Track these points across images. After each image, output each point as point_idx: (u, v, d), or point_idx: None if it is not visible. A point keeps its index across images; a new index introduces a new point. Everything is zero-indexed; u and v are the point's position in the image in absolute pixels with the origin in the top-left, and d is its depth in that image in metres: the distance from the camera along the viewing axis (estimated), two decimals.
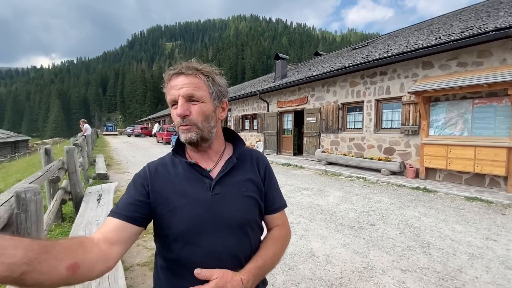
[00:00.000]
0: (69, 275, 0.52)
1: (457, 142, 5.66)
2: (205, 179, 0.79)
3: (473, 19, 7.13)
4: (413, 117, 6.63)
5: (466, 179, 5.77)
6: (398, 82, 7.12)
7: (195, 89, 0.74)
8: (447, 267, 2.55)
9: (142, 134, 33.07)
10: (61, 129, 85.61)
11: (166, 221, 0.74)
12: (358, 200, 4.90)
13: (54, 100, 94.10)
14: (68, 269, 0.52)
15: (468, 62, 5.75)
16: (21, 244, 0.45)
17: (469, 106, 5.64)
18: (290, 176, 7.35)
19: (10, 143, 34.79)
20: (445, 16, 10.62)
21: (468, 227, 3.53)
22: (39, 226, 1.46)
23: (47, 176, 2.90)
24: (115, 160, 10.86)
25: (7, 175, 13.93)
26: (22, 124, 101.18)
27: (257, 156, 0.91)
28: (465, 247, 2.97)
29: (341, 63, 9.35)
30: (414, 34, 8.97)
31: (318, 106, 9.79)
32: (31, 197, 1.40)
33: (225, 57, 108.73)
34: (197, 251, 0.73)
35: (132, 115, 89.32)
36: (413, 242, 3.10)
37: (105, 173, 6.60)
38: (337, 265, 2.62)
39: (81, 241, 0.60)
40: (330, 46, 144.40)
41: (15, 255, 0.43)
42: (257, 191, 0.84)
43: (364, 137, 8.07)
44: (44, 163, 3.61)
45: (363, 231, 3.44)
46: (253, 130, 14.40)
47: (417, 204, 4.59)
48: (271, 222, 0.89)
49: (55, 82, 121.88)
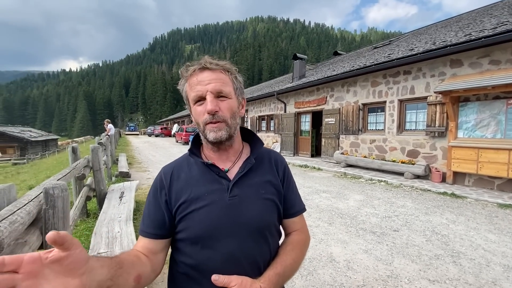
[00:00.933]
0: (135, 286, 0.61)
1: (489, 145, 5.29)
2: (222, 180, 0.76)
3: (506, 14, 6.65)
4: (440, 118, 6.29)
5: (499, 185, 5.38)
6: (423, 81, 6.79)
7: (223, 84, 0.72)
8: (480, 279, 2.37)
9: (162, 134, 33.99)
10: (87, 129, 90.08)
11: (183, 224, 0.72)
12: (380, 204, 4.70)
13: (81, 101, 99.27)
14: (135, 280, 0.61)
15: (501, 60, 5.37)
16: (105, 264, 0.52)
17: (502, 106, 5.26)
18: (308, 178, 7.22)
19: (42, 141, 37.12)
20: (475, 11, 10.01)
21: (502, 237, 3.27)
22: (65, 221, 1.50)
23: (73, 174, 3.02)
24: (137, 159, 11.22)
25: (38, 171, 14.85)
26: (52, 124, 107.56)
27: (275, 157, 0.87)
28: (499, 258, 2.75)
29: (362, 63, 9.08)
30: (440, 31, 8.53)
31: (338, 106, 9.56)
32: (59, 194, 1.45)
33: (242, 58, 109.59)
34: (214, 255, 0.70)
35: (153, 116, 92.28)
36: (441, 251, 2.91)
37: (127, 171, 6.82)
38: (359, 272, 2.51)
39: (137, 255, 0.69)
40: (349, 46, 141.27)
41: (102, 274, 0.50)
42: (276, 193, 0.80)
43: (386, 139, 7.77)
44: (71, 161, 3.78)
45: (386, 237, 3.29)
46: (270, 131, 14.34)
47: (445, 210, 4.33)
48: (289, 227, 0.85)
49: (82, 84, 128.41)
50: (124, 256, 0.62)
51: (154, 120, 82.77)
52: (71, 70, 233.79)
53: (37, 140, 35.17)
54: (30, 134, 36.07)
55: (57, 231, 0.39)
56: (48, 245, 1.38)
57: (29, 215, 1.27)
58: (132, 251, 0.70)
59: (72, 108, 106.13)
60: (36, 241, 1.34)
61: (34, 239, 1.32)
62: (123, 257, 0.62)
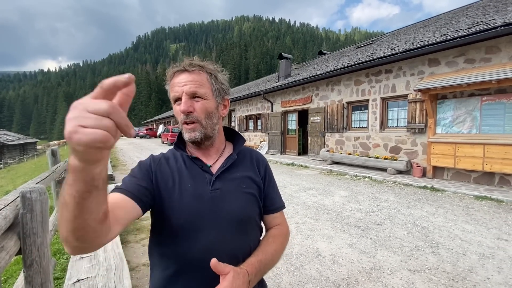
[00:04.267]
0: (102, 220, 0.49)
1: (465, 140, 5.55)
2: (205, 174, 0.78)
3: (481, 14, 7.00)
4: (420, 115, 6.53)
5: (475, 178, 5.66)
6: (403, 80, 7.03)
7: (198, 86, 0.74)
8: (457, 268, 2.49)
9: (148, 135, 33.31)
10: None
11: (165, 213, 0.72)
12: (364, 199, 4.84)
13: (61, 103, 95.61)
14: (104, 214, 0.49)
15: (476, 59, 5.64)
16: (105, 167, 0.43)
17: (477, 103, 5.53)
18: (295, 176, 7.31)
19: (19, 145, 35.46)
20: (451, 12, 10.46)
21: (478, 227, 3.45)
22: (44, 226, 1.46)
23: (53, 177, 2.92)
24: (121, 161, 10.95)
25: (16, 176, 14.17)
26: (30, 126, 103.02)
27: (257, 156, 0.91)
28: (475, 247, 2.90)
29: (346, 62, 9.28)
30: (419, 31, 8.85)
31: (323, 105, 9.72)
32: (37, 197, 1.40)
33: (228, 58, 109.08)
34: (194, 246, 0.71)
35: (137, 117, 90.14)
36: (421, 242, 3.04)
37: (110, 174, 6.65)
38: (344, 266, 2.58)
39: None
40: (334, 45, 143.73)
41: (102, 170, 0.42)
42: (257, 189, 0.83)
43: (369, 136, 7.98)
44: (50, 164, 3.65)
45: (370, 231, 3.39)
46: (257, 130, 14.38)
47: (425, 203, 4.52)
48: (271, 222, 0.88)
49: (62, 85, 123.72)
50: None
51: (139, 121, 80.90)
52: (50, 70, 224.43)
53: (14, 143, 33.55)
54: (6, 137, 34.34)
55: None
56: (27, 251, 1.34)
57: (6, 219, 1.23)
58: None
59: (52, 109, 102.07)
60: (14, 246, 1.29)
61: (12, 244, 1.28)
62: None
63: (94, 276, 1.76)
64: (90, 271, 1.81)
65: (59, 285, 2.15)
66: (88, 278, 1.73)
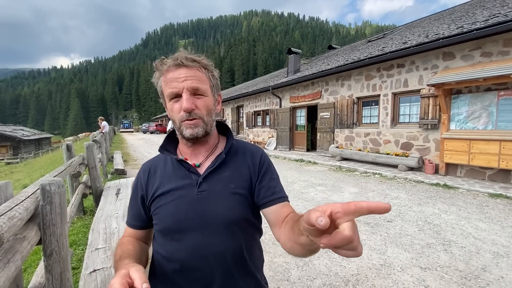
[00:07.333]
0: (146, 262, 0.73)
1: (480, 137, 5.39)
2: (192, 175, 0.77)
3: (498, 6, 6.71)
4: (433, 111, 6.37)
5: (490, 175, 5.51)
6: (416, 74, 6.86)
7: (199, 82, 0.72)
8: (470, 266, 2.45)
9: (157, 131, 33.72)
10: (81, 127, 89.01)
11: (156, 218, 0.77)
12: (374, 196, 4.79)
13: (73, 99, 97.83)
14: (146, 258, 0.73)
15: (493, 52, 5.44)
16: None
17: (494, 98, 5.35)
18: (304, 172, 7.28)
19: (34, 140, 36.62)
20: (468, 3, 10.08)
21: (492, 225, 3.37)
22: (63, 217, 1.51)
23: (69, 171, 3.02)
24: (132, 156, 11.16)
25: (32, 170, 14.67)
26: (45, 122, 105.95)
27: (251, 149, 0.86)
28: (489, 245, 2.84)
29: (356, 56, 9.10)
30: (434, 24, 8.58)
31: (332, 100, 9.60)
32: (56, 190, 1.45)
33: (237, 53, 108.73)
34: (181, 248, 0.73)
35: (147, 113, 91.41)
36: (433, 240, 3.00)
37: (122, 168, 6.80)
38: (353, 262, 2.57)
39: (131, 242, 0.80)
40: (344, 40, 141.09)
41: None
42: (248, 186, 0.78)
43: (380, 132, 7.86)
44: (66, 158, 3.76)
45: (380, 228, 3.36)
46: (266, 126, 14.35)
47: (437, 200, 4.43)
48: (278, 214, 0.73)
49: (74, 82, 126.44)
50: (136, 255, 0.74)
51: (148, 117, 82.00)
52: (63, 67, 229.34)
53: (30, 139, 34.67)
54: (23, 133, 35.53)
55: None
56: (46, 241, 1.39)
57: (27, 211, 1.28)
58: (129, 241, 0.80)
59: (65, 105, 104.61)
60: (35, 236, 1.35)
61: (33, 234, 1.33)
62: (135, 255, 0.73)
63: (109, 267, 1.81)
64: (106, 262, 1.87)
65: (75, 275, 2.24)
66: (104, 269, 1.79)
